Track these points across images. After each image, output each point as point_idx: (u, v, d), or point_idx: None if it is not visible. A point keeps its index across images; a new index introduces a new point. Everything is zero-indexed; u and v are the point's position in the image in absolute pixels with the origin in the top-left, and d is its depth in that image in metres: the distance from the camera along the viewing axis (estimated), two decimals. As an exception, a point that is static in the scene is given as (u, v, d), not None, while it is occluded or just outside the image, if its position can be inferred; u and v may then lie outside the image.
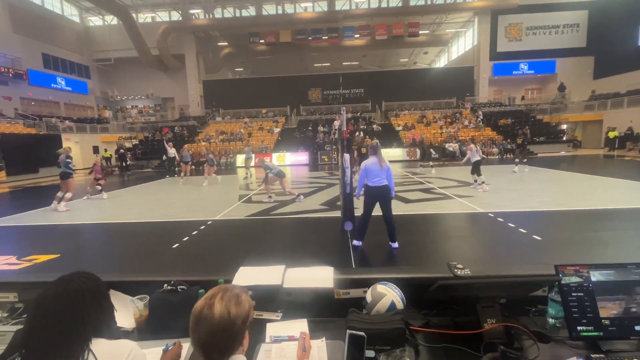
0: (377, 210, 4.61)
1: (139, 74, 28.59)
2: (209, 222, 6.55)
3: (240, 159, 20.15)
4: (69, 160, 8.57)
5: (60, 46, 24.99)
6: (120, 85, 29.58)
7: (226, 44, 29.45)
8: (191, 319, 0.90)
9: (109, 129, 25.17)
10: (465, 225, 6.11)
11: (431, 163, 13.11)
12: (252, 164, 13.82)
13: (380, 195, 4.45)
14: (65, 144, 20.69)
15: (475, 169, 9.01)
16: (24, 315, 1.52)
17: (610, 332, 1.24)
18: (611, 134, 19.70)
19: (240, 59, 32.31)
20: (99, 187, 10.29)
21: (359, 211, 6.32)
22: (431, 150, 15.04)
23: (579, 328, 1.24)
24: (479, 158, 9.05)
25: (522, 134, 13.07)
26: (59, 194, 8.54)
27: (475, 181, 9.08)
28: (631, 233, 5.07)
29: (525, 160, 12.56)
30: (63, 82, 25.02)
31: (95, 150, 21.34)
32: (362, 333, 1.19)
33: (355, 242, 4.77)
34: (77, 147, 22.16)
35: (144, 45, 25.09)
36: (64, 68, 25.33)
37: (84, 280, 0.97)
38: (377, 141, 4.73)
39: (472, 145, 9.28)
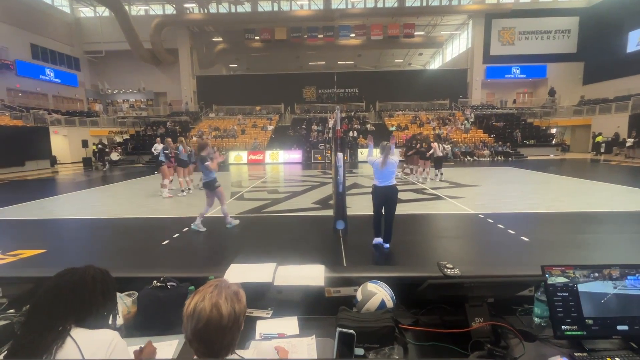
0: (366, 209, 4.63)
1: (130, 68, 28.09)
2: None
3: (232, 156, 20.04)
4: (167, 151, 9.07)
5: (49, 37, 24.40)
6: (112, 78, 29.04)
7: (221, 39, 29.15)
8: (195, 321, 0.88)
9: (99, 123, 24.69)
10: (455, 225, 6.18)
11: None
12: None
13: (387, 195, 4.46)
14: (53, 137, 20.29)
15: (437, 163, 10.81)
16: (9, 311, 1.49)
17: (593, 331, 1.27)
18: (598, 139, 20.23)
19: (234, 55, 32.03)
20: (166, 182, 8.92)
21: (351, 210, 6.36)
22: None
23: (563, 327, 1.27)
24: (440, 154, 10.73)
25: (424, 137, 12.85)
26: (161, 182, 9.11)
27: (436, 175, 10.92)
28: (616, 236, 5.20)
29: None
30: (52, 74, 24.46)
31: (85, 144, 20.93)
32: (351, 331, 1.20)
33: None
34: (65, 141, 21.73)
35: (137, 38, 24.67)
36: (53, 59, 24.75)
37: (97, 272, 1.07)
38: (388, 142, 4.62)
39: (435, 144, 10.75)
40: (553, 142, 21.89)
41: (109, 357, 0.95)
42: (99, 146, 20.51)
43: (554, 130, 23.39)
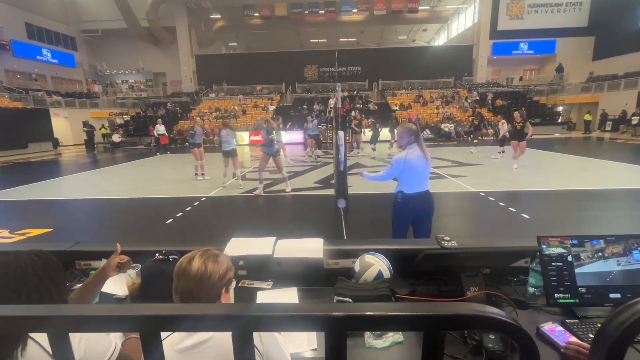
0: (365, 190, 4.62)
1: (128, 47, 27.48)
2: (203, 199, 6.57)
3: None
4: (192, 132, 8.53)
5: (44, 15, 23.77)
6: (109, 58, 28.49)
7: (219, 16, 28.28)
8: (174, 277, 0.99)
9: (99, 104, 24.48)
10: (456, 203, 6.20)
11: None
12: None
13: (422, 206, 2.81)
14: (54, 119, 20.20)
15: (502, 141, 10.74)
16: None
17: (586, 299, 1.30)
18: (586, 117, 20.09)
19: (234, 33, 31.17)
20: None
21: (352, 190, 6.38)
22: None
23: (556, 295, 1.29)
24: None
25: (477, 115, 13.27)
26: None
27: (502, 152, 10.70)
28: (617, 212, 5.21)
29: (476, 141, 12.88)
30: (49, 54, 24.02)
31: (86, 125, 20.84)
32: (349, 299, 1.23)
33: None
34: (66, 123, 21.65)
35: (133, 16, 23.98)
36: (49, 39, 24.21)
37: (34, 259, 0.89)
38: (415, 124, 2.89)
39: (504, 121, 10.76)
40: (559, 121, 21.51)
41: (79, 343, 0.86)
42: (85, 129, 18.96)
43: (560, 109, 22.93)
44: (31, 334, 0.82)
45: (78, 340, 0.87)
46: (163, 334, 0.49)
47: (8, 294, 0.84)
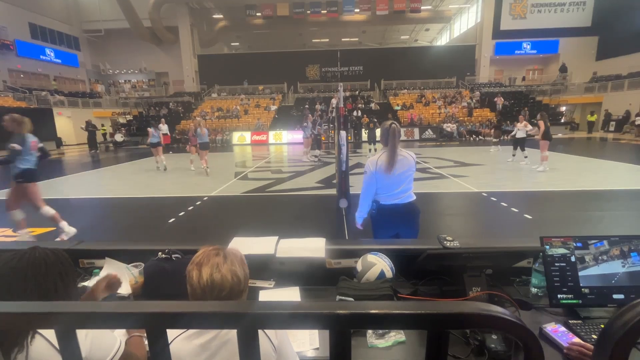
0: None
1: (131, 47, 27.58)
2: (205, 198, 6.58)
3: (236, 137, 19.96)
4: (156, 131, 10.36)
5: (47, 15, 23.91)
6: (112, 58, 28.61)
7: (221, 16, 28.35)
8: (217, 291, 0.89)
9: (102, 104, 24.59)
10: (458, 204, 6.19)
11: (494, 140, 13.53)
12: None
13: (403, 219, 2.48)
14: (58, 119, 20.29)
15: (520, 143, 10.03)
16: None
17: (589, 300, 1.29)
18: (589, 118, 20.14)
19: (236, 33, 31.23)
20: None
21: (354, 189, 6.38)
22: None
23: (559, 296, 1.29)
24: (524, 135, 9.95)
25: (498, 114, 13.38)
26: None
27: (514, 155, 10.28)
28: (621, 213, 5.18)
29: (497, 140, 12.91)
30: (52, 54, 24.14)
31: (89, 125, 20.93)
32: (351, 299, 1.23)
33: None
34: (69, 122, 21.76)
35: (135, 16, 24.07)
36: (52, 39, 24.34)
37: (47, 253, 0.93)
38: (394, 122, 2.46)
39: (526, 122, 9.98)
40: (562, 121, 21.42)
41: (85, 339, 0.88)
42: (89, 129, 18.23)
43: (563, 109, 22.83)
44: (39, 330, 0.84)
45: (84, 337, 0.87)
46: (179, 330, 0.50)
47: (17, 280, 0.89)
